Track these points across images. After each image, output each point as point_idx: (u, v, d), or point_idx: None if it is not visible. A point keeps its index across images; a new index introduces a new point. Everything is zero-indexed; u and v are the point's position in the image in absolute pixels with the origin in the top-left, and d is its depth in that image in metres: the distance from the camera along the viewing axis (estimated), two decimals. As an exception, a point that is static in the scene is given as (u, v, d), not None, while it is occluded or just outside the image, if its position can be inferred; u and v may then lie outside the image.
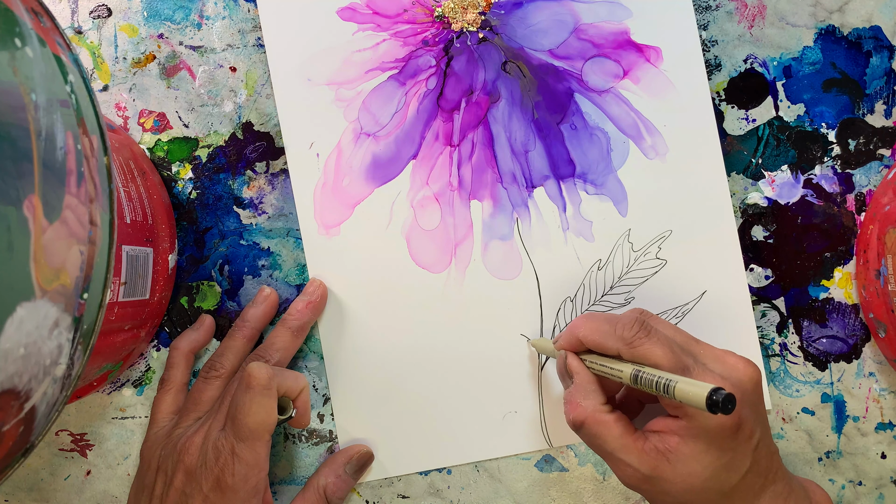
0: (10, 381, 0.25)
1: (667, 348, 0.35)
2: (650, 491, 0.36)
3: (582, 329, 0.38)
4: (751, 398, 0.35)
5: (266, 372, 0.38)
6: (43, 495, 0.47)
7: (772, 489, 0.37)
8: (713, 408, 0.31)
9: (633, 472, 0.35)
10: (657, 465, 0.35)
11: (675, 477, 0.35)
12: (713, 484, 0.35)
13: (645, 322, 0.36)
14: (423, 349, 0.45)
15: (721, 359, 0.36)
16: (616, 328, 0.37)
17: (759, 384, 0.36)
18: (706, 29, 0.46)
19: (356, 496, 0.46)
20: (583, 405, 0.37)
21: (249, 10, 0.46)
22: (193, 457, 0.39)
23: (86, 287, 0.27)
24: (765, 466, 0.36)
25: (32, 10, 0.28)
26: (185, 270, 0.46)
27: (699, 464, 0.34)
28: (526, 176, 0.45)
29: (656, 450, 0.35)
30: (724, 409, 0.31)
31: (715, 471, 0.34)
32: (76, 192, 0.27)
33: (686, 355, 0.36)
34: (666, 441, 0.35)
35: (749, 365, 0.36)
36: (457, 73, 0.45)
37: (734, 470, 0.35)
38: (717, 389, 0.31)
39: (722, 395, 0.31)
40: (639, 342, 0.36)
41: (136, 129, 0.46)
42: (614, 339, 0.37)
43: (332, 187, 0.45)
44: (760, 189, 0.46)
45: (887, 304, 0.41)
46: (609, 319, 0.38)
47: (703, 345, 0.37)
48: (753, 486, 0.36)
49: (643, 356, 0.35)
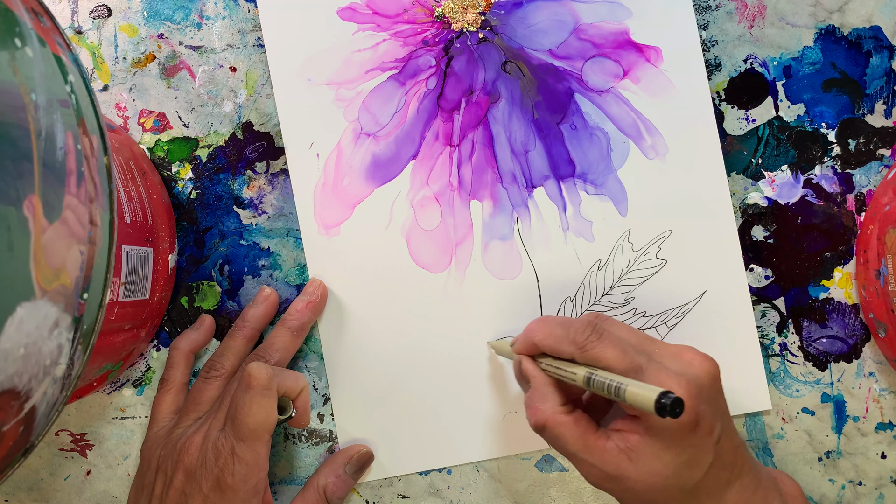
0: (10, 381, 0.25)
1: (618, 349, 0.35)
2: (615, 490, 0.36)
3: (537, 333, 0.38)
4: (708, 393, 0.35)
5: (266, 372, 0.38)
6: (43, 495, 0.47)
7: (738, 483, 0.36)
8: (661, 412, 0.31)
9: (597, 471, 0.36)
10: (619, 464, 0.35)
11: (638, 476, 0.35)
12: (676, 481, 0.35)
13: (597, 325, 0.36)
14: (424, 349, 0.45)
15: (677, 356, 0.36)
16: (569, 332, 0.37)
17: (716, 379, 0.36)
18: (706, 29, 0.46)
19: (356, 496, 0.46)
20: (541, 408, 0.37)
21: (249, 10, 0.46)
22: (193, 457, 0.39)
23: (86, 287, 0.27)
24: (729, 461, 0.36)
25: (32, 10, 0.28)
26: (185, 270, 0.46)
27: (660, 462, 0.34)
28: (526, 176, 0.45)
29: (618, 449, 0.35)
30: (673, 412, 0.31)
31: (676, 468, 0.34)
32: (76, 192, 0.27)
33: (639, 355, 0.35)
34: (627, 440, 0.35)
35: (706, 360, 0.36)
36: (457, 73, 0.45)
37: (696, 466, 0.35)
38: (665, 393, 0.31)
39: (670, 399, 0.31)
40: (591, 345, 0.36)
41: (136, 129, 0.46)
42: (567, 343, 0.37)
43: (332, 187, 0.45)
44: (760, 189, 0.46)
45: (887, 304, 0.41)
46: (562, 323, 0.38)
47: (660, 343, 0.37)
48: (719, 481, 0.36)
49: (595, 359, 0.36)
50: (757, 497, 0.37)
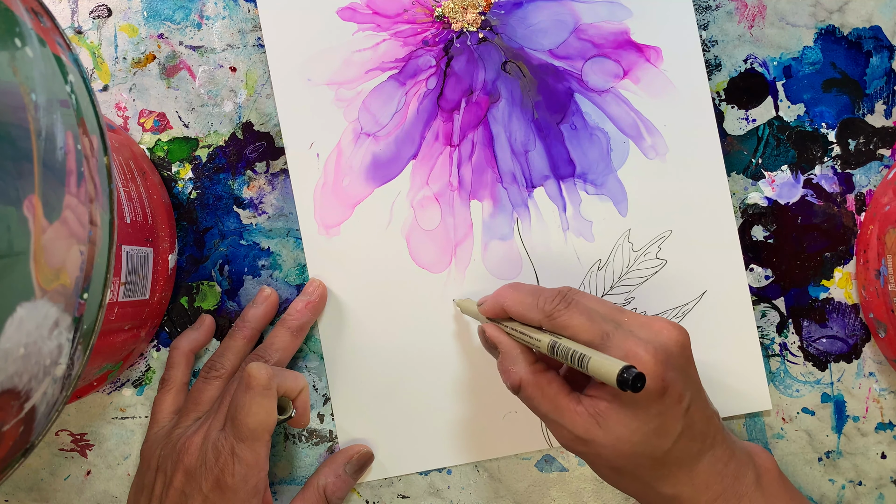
0: (10, 381, 0.25)
1: (585, 317, 0.35)
2: (585, 454, 0.36)
3: (507, 299, 0.39)
4: (677, 361, 0.35)
5: (266, 372, 0.38)
6: (43, 495, 0.47)
7: (710, 454, 0.36)
8: (623, 385, 0.31)
9: (567, 433, 0.36)
10: (589, 428, 0.35)
11: (606, 441, 0.35)
12: (643, 449, 0.35)
13: (567, 294, 0.37)
14: (423, 349, 0.45)
15: (647, 325, 0.36)
16: (539, 300, 0.37)
17: (686, 347, 0.36)
18: (706, 29, 0.46)
19: (356, 496, 0.46)
20: (514, 370, 0.37)
21: (249, 10, 0.46)
22: (193, 457, 0.39)
23: (86, 287, 0.27)
24: (700, 431, 0.36)
25: (32, 10, 0.28)
26: (185, 270, 0.46)
27: (627, 428, 0.34)
28: (526, 176, 0.45)
29: (587, 413, 0.35)
30: (634, 387, 0.31)
31: (644, 436, 0.34)
32: (76, 192, 0.27)
33: (607, 322, 0.35)
34: (596, 405, 0.35)
35: (675, 328, 0.36)
36: (457, 73, 0.45)
37: (665, 435, 0.35)
38: (627, 367, 0.31)
39: (633, 374, 0.31)
40: (558, 313, 0.36)
41: (136, 129, 0.46)
42: (536, 311, 0.37)
43: (332, 187, 0.45)
44: (760, 189, 0.46)
45: (887, 304, 0.41)
46: (533, 292, 0.38)
47: (630, 313, 0.37)
48: (690, 451, 0.36)
49: (563, 327, 0.36)
50: (729, 469, 0.37)
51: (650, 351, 0.34)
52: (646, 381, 0.32)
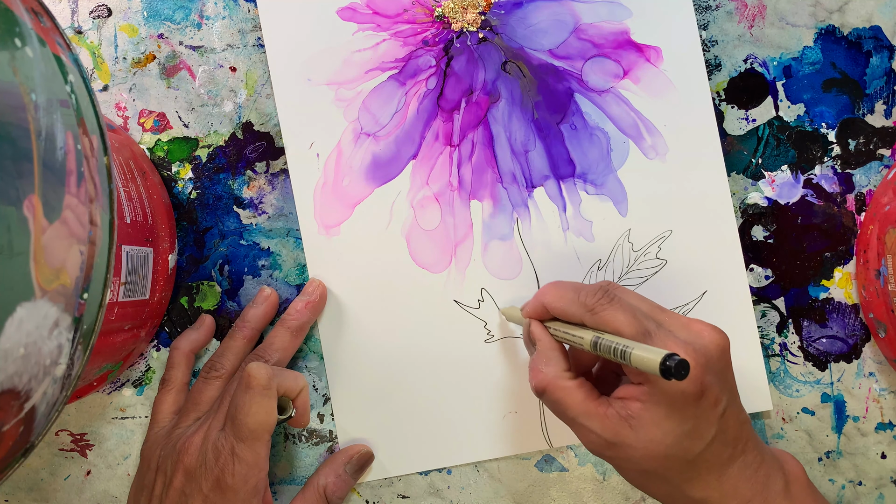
0: (10, 381, 0.25)
1: (628, 314, 0.35)
2: (614, 458, 0.36)
3: (548, 296, 0.38)
4: (716, 365, 0.35)
5: (266, 372, 0.38)
6: (43, 495, 0.47)
7: (741, 459, 0.36)
8: (666, 374, 0.31)
9: (596, 437, 0.35)
10: (619, 430, 0.35)
11: (637, 443, 0.34)
12: (676, 451, 0.34)
13: (609, 290, 0.36)
14: (423, 349, 0.45)
15: (687, 326, 0.36)
16: (580, 295, 0.37)
17: (725, 351, 0.35)
18: (706, 29, 0.46)
19: (356, 496, 0.46)
20: (544, 371, 0.37)
21: (249, 10, 0.46)
22: (193, 457, 0.39)
23: (86, 287, 0.27)
24: (733, 436, 0.36)
25: (32, 10, 0.28)
26: (185, 270, 0.46)
27: (660, 430, 0.34)
28: (526, 176, 0.45)
29: (618, 416, 0.35)
30: (678, 374, 0.31)
31: (677, 438, 0.34)
32: (76, 192, 0.27)
33: (649, 321, 0.35)
34: (628, 407, 0.35)
35: (715, 331, 0.35)
36: (457, 73, 0.45)
37: (698, 438, 0.34)
38: (670, 355, 0.31)
39: (675, 361, 0.31)
40: (600, 308, 0.36)
41: (136, 129, 0.46)
42: (577, 306, 0.37)
43: (332, 187, 0.45)
44: (760, 189, 0.46)
45: (887, 304, 0.41)
46: (574, 287, 0.38)
47: (670, 313, 0.37)
48: (721, 456, 0.35)
49: (605, 322, 0.35)
50: (759, 475, 0.36)
51: (690, 353, 0.33)
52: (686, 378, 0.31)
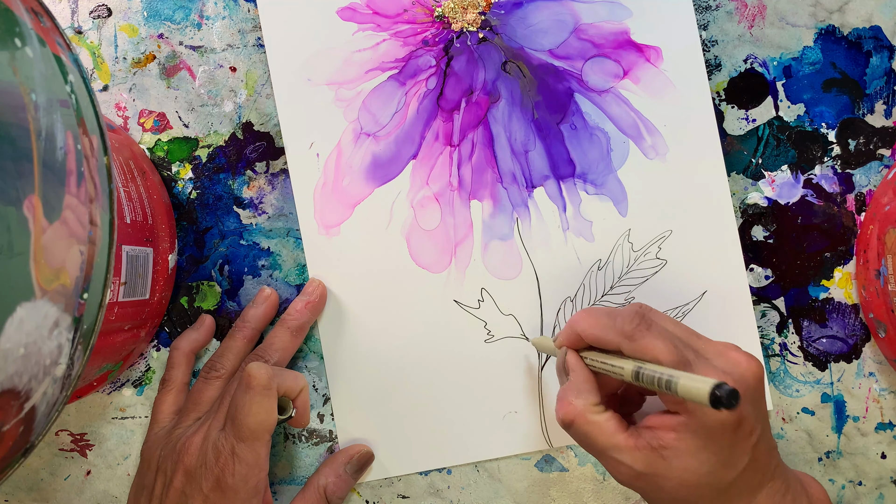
0: (10, 381, 0.25)
1: (668, 342, 0.35)
2: (644, 488, 0.36)
3: (581, 323, 0.38)
4: (753, 394, 0.35)
5: (266, 372, 0.38)
6: (43, 495, 0.47)
7: (769, 486, 0.36)
8: (716, 403, 0.30)
9: (627, 469, 0.35)
10: (651, 461, 0.34)
11: (671, 472, 0.34)
12: (709, 480, 0.34)
13: (645, 315, 0.36)
14: (423, 349, 0.45)
15: (723, 354, 0.35)
16: (616, 321, 0.36)
17: (761, 380, 0.35)
18: (706, 29, 0.46)
19: (356, 496, 0.46)
20: (574, 403, 0.36)
21: (249, 10, 0.46)
22: (193, 457, 0.39)
23: (86, 287, 0.27)
24: (763, 463, 0.36)
25: (32, 10, 0.28)
26: (185, 270, 0.46)
27: (696, 460, 0.34)
28: (526, 176, 0.45)
29: (650, 446, 0.35)
30: (728, 404, 0.30)
31: (712, 467, 0.34)
32: (76, 192, 0.27)
33: (688, 350, 0.35)
34: (660, 437, 0.35)
35: (752, 360, 0.35)
36: (457, 73, 0.45)
37: (731, 467, 0.34)
38: (720, 385, 0.30)
39: (726, 391, 0.30)
40: (640, 335, 0.35)
41: (136, 129, 0.46)
42: (614, 333, 0.36)
43: (332, 187, 0.45)
44: (760, 189, 0.46)
45: (887, 304, 0.41)
46: (609, 313, 0.37)
47: (705, 339, 0.36)
48: (751, 483, 0.36)
49: (643, 350, 0.35)
50: (787, 500, 0.37)
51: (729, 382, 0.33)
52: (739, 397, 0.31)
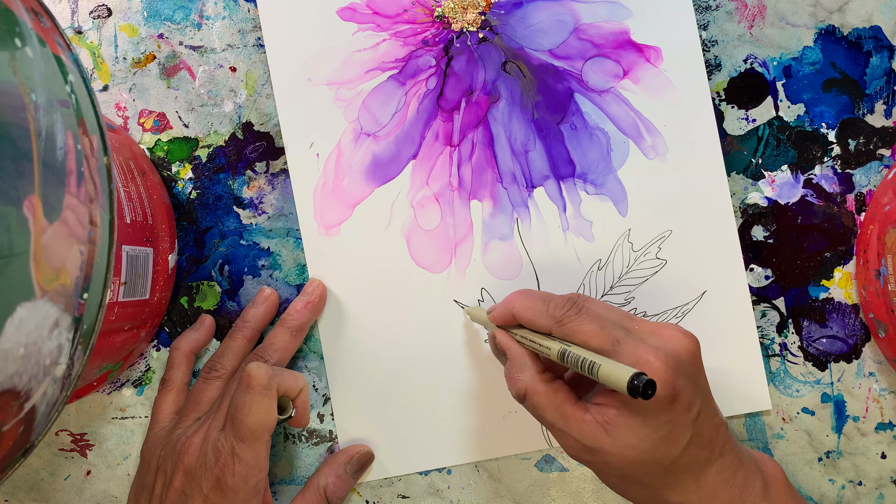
0: (10, 381, 0.25)
1: (596, 324, 0.35)
2: (593, 462, 0.36)
3: (516, 304, 0.39)
4: (688, 369, 0.35)
5: (265, 372, 0.38)
6: (43, 495, 0.47)
7: (719, 462, 0.36)
8: (633, 392, 0.31)
9: (574, 442, 0.36)
10: (596, 436, 0.35)
11: (614, 449, 0.35)
12: (652, 456, 0.35)
13: (577, 301, 0.37)
14: (423, 349, 0.45)
15: (657, 332, 0.36)
16: (549, 307, 0.37)
17: (696, 355, 0.36)
18: (706, 29, 0.46)
19: (356, 496, 0.46)
20: (520, 378, 0.37)
21: (249, 10, 0.46)
22: (193, 457, 0.39)
23: (86, 287, 0.27)
24: (708, 439, 0.36)
25: (32, 10, 0.28)
26: (185, 270, 0.46)
27: (636, 436, 0.34)
28: (526, 176, 0.45)
29: (595, 421, 0.35)
30: (644, 394, 0.31)
31: (653, 443, 0.34)
32: (76, 192, 0.27)
33: (617, 329, 0.35)
34: (604, 413, 0.35)
35: (685, 336, 0.35)
36: (457, 73, 0.45)
37: (673, 443, 0.35)
38: (638, 374, 0.31)
39: (643, 381, 0.31)
40: (568, 320, 0.36)
41: (136, 129, 0.46)
42: (546, 317, 0.37)
43: (332, 187, 0.45)
44: (760, 189, 0.46)
45: (887, 304, 0.41)
46: (543, 298, 0.38)
47: (640, 320, 0.37)
48: (698, 459, 0.36)
49: (573, 334, 0.36)
50: (738, 478, 0.37)
51: (661, 358, 0.34)
52: (657, 388, 0.32)
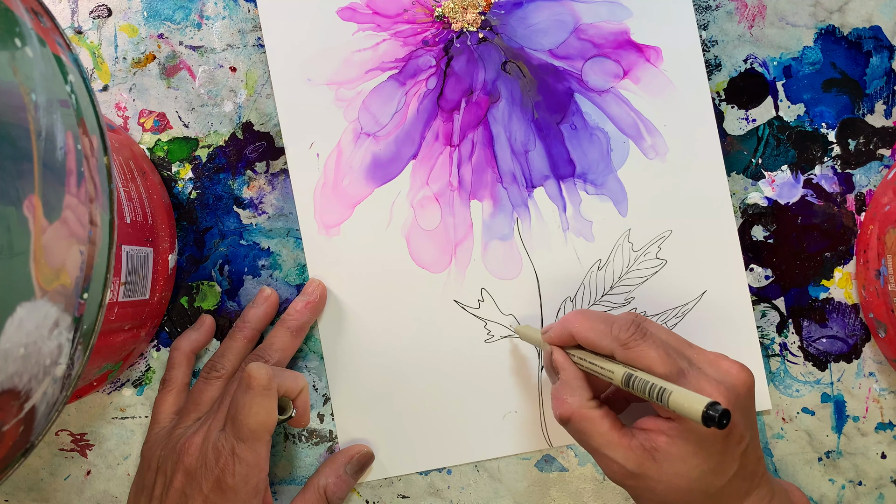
0: (10, 381, 0.25)
1: (662, 351, 0.35)
2: (635, 487, 0.36)
3: (576, 325, 0.38)
4: (743, 403, 0.35)
5: (266, 372, 0.38)
6: (43, 495, 0.47)
7: (756, 493, 0.37)
8: (708, 422, 0.31)
9: (619, 468, 0.36)
10: (643, 462, 0.35)
11: (661, 476, 0.35)
12: (699, 486, 0.35)
13: (641, 324, 0.37)
14: (423, 349, 0.45)
15: (715, 363, 0.36)
16: (612, 328, 0.37)
17: (751, 389, 0.36)
18: (706, 29, 0.46)
19: (356, 496, 0.46)
20: (569, 401, 0.37)
21: (249, 10, 0.46)
22: (193, 457, 0.39)
23: (86, 287, 0.27)
24: (751, 471, 0.36)
25: (32, 10, 0.28)
26: (185, 270, 0.46)
27: (686, 465, 0.35)
28: (526, 176, 0.45)
29: (642, 447, 0.35)
30: (720, 424, 0.31)
31: (702, 473, 0.35)
32: (76, 192, 0.27)
33: (681, 359, 0.36)
34: (653, 440, 0.35)
35: (743, 370, 0.36)
36: (457, 73, 0.45)
37: (721, 473, 0.35)
38: (713, 404, 0.31)
39: (719, 411, 0.31)
40: (634, 344, 0.36)
41: (136, 129, 0.46)
42: (609, 339, 0.37)
43: (332, 187, 0.45)
44: (760, 189, 0.46)
45: (887, 304, 0.41)
46: (605, 319, 0.38)
47: (697, 349, 0.37)
48: (739, 490, 0.36)
49: (637, 358, 0.35)
50: None
51: (722, 392, 0.34)
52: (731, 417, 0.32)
